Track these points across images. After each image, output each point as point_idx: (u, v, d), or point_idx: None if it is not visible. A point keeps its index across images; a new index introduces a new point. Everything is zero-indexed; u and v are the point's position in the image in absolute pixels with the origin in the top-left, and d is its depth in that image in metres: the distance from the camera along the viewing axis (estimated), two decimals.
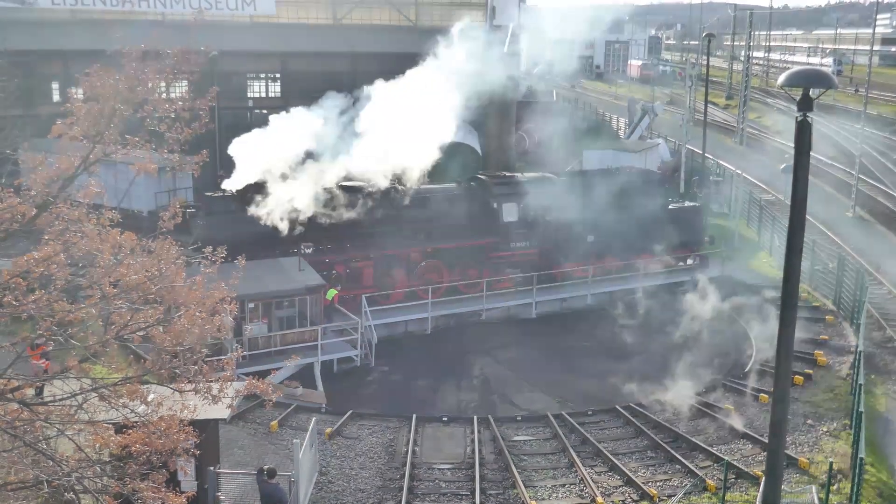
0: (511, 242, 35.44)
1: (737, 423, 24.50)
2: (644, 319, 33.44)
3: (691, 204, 40.76)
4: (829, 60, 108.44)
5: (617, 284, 36.92)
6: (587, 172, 37.47)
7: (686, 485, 20.95)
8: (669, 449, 23.15)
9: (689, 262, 38.51)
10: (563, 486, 21.47)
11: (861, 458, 19.14)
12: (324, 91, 33.55)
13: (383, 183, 32.84)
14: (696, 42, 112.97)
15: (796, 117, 13.65)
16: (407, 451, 23.13)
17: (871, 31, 62.33)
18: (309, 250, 31.62)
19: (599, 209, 35.09)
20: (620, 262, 37.25)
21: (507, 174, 37.48)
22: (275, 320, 28.28)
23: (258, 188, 30.57)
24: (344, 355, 29.83)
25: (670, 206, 38.75)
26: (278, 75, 56.95)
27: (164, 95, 13.22)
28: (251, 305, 27.55)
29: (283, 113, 31.07)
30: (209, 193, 32.36)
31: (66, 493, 12.77)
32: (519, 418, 26.03)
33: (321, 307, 29.34)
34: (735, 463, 21.85)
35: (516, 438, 24.45)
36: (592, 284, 36.35)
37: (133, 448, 12.36)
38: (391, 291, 33.31)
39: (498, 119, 51.37)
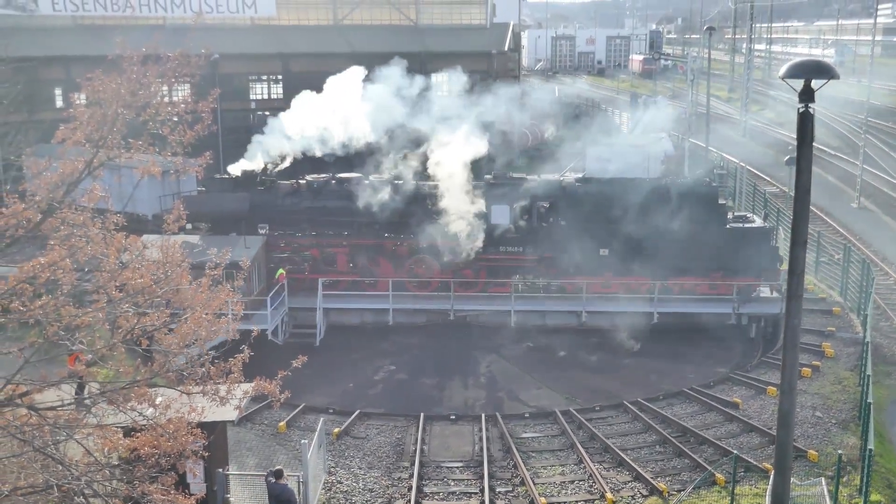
0: (500, 246, 33.71)
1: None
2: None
3: (757, 225, 34.35)
4: (831, 51, 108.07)
5: (627, 305, 32.90)
6: (613, 180, 33.20)
7: (695, 479, 20.94)
8: (678, 444, 23.13)
9: (764, 292, 33.96)
10: (573, 482, 21.46)
11: (870, 450, 19.09)
12: None
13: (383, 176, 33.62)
14: (698, 36, 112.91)
15: (798, 108, 13.58)
16: (415, 449, 23.14)
17: (872, 21, 62.27)
18: (263, 231, 33.21)
19: (621, 222, 32.38)
20: (646, 281, 32.83)
21: (517, 175, 35.35)
22: None
23: (253, 174, 34.09)
24: (259, 328, 30.03)
25: (728, 226, 33.36)
26: (280, 77, 57.03)
27: (166, 98, 13.25)
28: None
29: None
30: (214, 175, 34.37)
31: (75, 497, 12.80)
32: (527, 415, 26.04)
33: (249, 282, 30.65)
34: (744, 456, 21.82)
35: (524, 435, 24.44)
36: (588, 301, 32.70)
37: (142, 451, 12.40)
38: (344, 278, 33.76)
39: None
